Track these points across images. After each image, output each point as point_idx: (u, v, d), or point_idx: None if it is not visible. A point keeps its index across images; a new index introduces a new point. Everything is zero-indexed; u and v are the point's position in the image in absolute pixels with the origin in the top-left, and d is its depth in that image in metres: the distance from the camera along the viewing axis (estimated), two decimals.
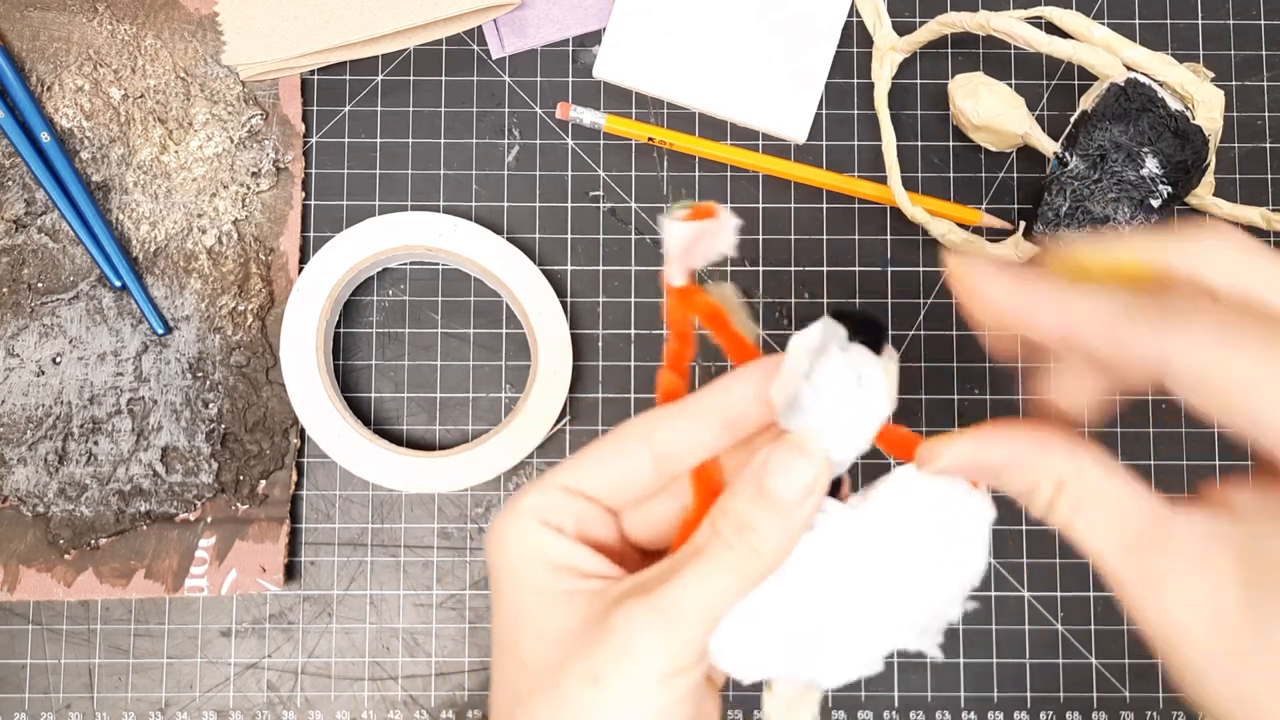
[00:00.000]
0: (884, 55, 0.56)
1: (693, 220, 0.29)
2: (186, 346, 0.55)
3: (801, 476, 0.27)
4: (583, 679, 0.26)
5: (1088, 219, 0.51)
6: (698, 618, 0.26)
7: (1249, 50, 0.57)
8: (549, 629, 0.27)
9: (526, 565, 0.28)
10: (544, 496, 0.29)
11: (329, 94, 0.57)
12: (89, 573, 0.54)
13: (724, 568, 0.26)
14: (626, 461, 0.29)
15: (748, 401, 0.28)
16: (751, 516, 0.27)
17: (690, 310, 0.31)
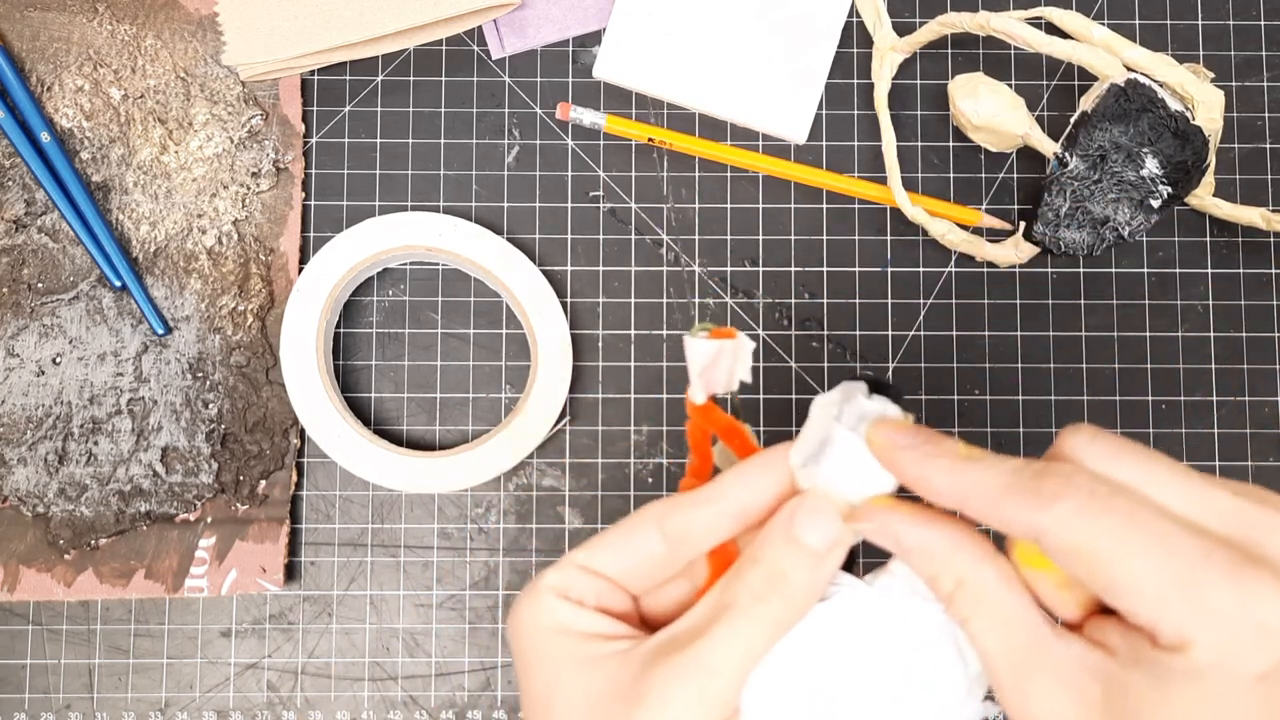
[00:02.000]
0: (884, 55, 0.56)
1: (713, 340, 0.31)
2: (186, 347, 0.55)
3: (830, 525, 0.28)
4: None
5: (1088, 219, 0.51)
6: (732, 669, 0.27)
7: (1249, 50, 0.57)
8: (583, 696, 0.28)
9: (553, 638, 0.29)
10: (563, 574, 0.30)
11: (329, 94, 0.57)
12: (89, 573, 0.54)
13: (755, 619, 0.27)
14: (641, 545, 0.30)
15: (760, 488, 0.29)
16: (783, 566, 0.28)
17: (710, 427, 0.33)
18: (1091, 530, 0.25)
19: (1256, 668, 0.24)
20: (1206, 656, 0.24)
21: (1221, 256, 0.56)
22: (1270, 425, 0.56)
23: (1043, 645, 0.26)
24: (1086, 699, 0.25)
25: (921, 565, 0.27)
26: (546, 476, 0.55)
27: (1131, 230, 0.51)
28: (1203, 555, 0.24)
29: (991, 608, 0.27)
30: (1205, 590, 0.24)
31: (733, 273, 0.56)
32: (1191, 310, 0.56)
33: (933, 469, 0.27)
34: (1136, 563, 0.24)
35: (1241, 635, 0.24)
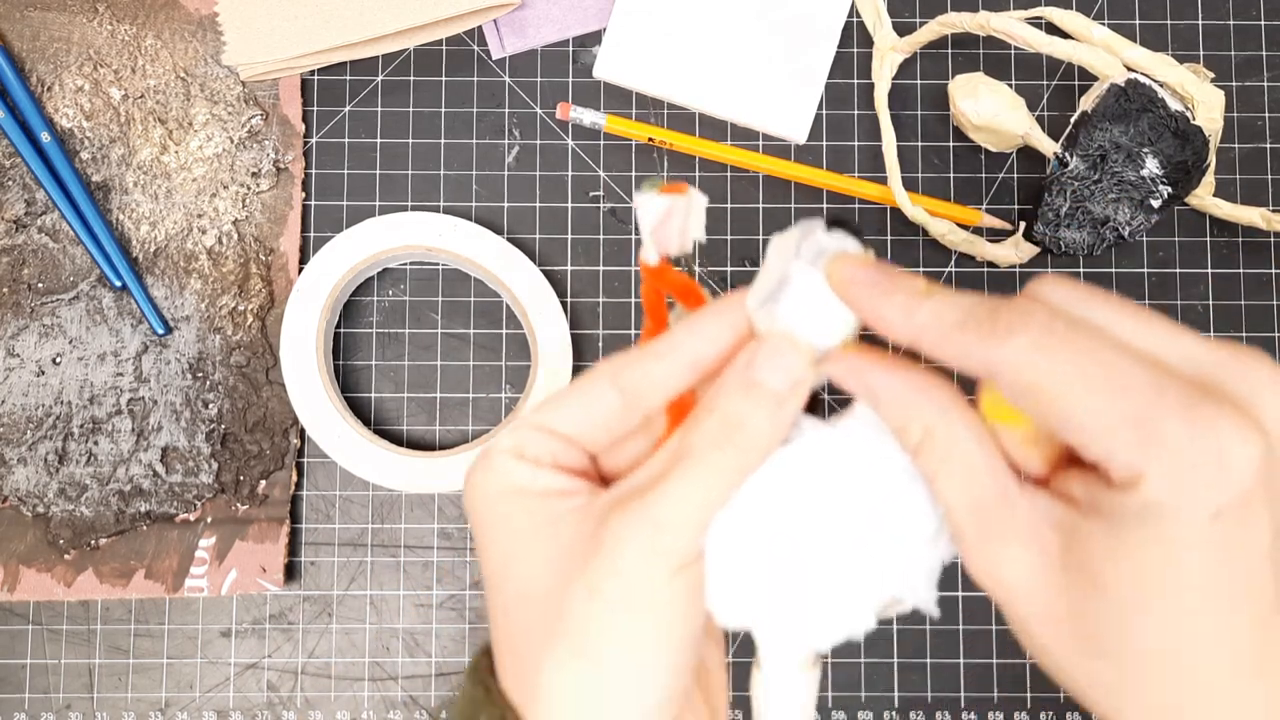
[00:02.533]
0: (884, 55, 0.56)
1: (664, 195, 0.30)
2: (186, 347, 0.55)
3: (791, 366, 0.27)
4: (582, 592, 0.26)
5: (1088, 219, 0.51)
6: (690, 518, 0.26)
7: (1249, 50, 0.57)
8: (542, 555, 0.27)
9: (509, 500, 0.28)
10: (517, 435, 0.29)
11: (329, 94, 0.57)
12: (89, 573, 0.54)
13: (713, 467, 0.27)
14: (598, 401, 0.29)
15: (715, 335, 0.28)
16: (741, 411, 0.27)
17: (664, 288, 0.32)
18: (1046, 365, 0.24)
19: (1210, 506, 0.23)
20: (1157, 492, 0.23)
21: (1221, 256, 0.56)
22: None
23: (1007, 499, 0.26)
24: (1046, 552, 0.25)
25: (890, 414, 0.27)
26: None
27: (1131, 230, 0.51)
28: (1157, 388, 0.23)
29: (958, 460, 0.26)
30: (1158, 423, 0.23)
31: (733, 273, 0.56)
32: (1191, 310, 0.56)
33: (890, 304, 0.26)
34: (1090, 397, 0.23)
35: (1194, 470, 0.23)
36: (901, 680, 0.54)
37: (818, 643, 0.28)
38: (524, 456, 0.28)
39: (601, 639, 0.26)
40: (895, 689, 0.54)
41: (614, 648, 0.26)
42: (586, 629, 0.26)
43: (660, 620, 0.26)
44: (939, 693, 0.54)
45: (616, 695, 0.27)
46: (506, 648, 0.29)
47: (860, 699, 0.54)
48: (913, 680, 0.54)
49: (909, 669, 0.54)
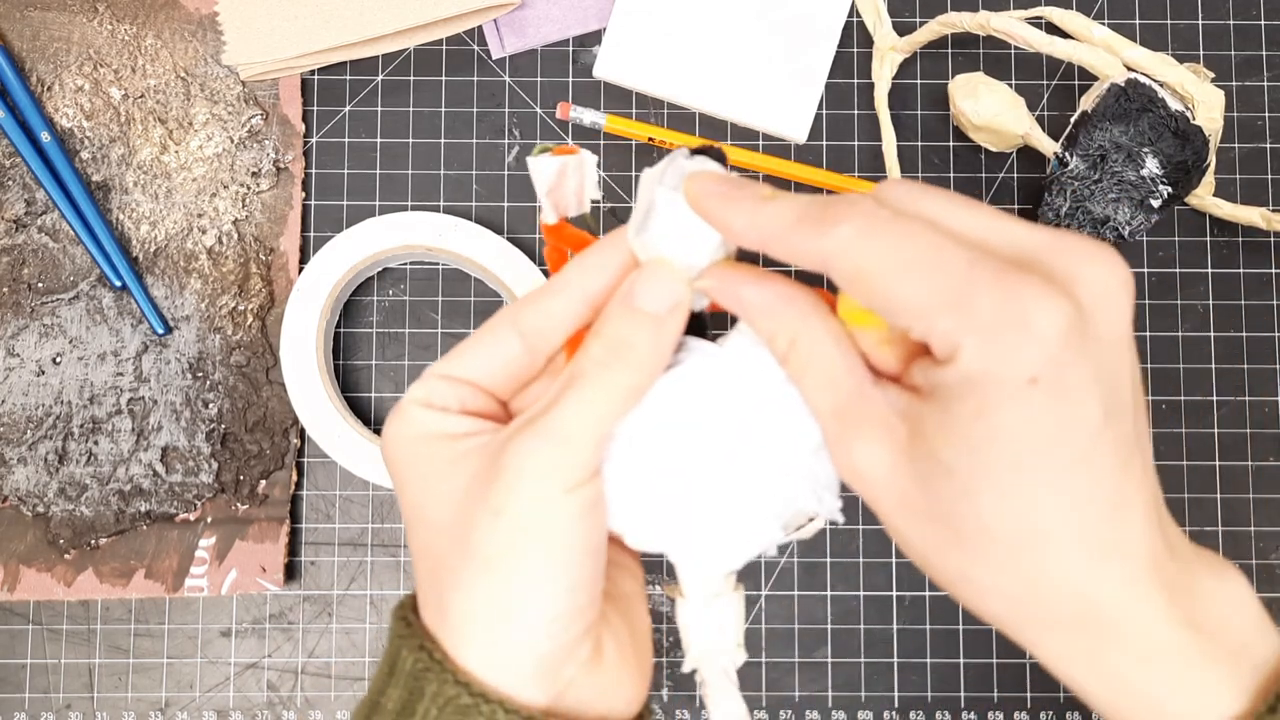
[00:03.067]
0: (884, 55, 0.56)
1: (556, 157, 0.31)
2: (186, 346, 0.55)
3: (667, 288, 0.29)
4: (485, 515, 0.27)
5: (1088, 219, 0.51)
6: (583, 434, 0.28)
7: (1249, 50, 0.57)
8: (450, 490, 0.28)
9: (419, 444, 0.29)
10: (425, 385, 0.30)
11: (329, 94, 0.57)
12: (89, 572, 0.54)
13: (603, 386, 0.28)
14: (500, 347, 0.30)
15: (603, 269, 0.30)
16: (624, 333, 0.28)
17: (564, 244, 0.33)
18: (869, 250, 0.25)
19: (1025, 370, 0.24)
20: (971, 362, 0.24)
21: (1221, 256, 0.56)
22: (1270, 425, 0.56)
23: (863, 396, 0.27)
24: (896, 441, 0.26)
25: (760, 323, 0.28)
26: None
27: (1131, 230, 0.51)
28: (970, 265, 0.24)
29: (818, 363, 0.27)
30: (970, 296, 0.24)
31: None
32: (1191, 310, 0.56)
33: (735, 210, 0.27)
34: (908, 277, 0.25)
35: (1006, 336, 0.24)
36: (901, 680, 0.54)
37: (729, 561, 0.30)
38: (432, 404, 0.30)
39: (503, 555, 0.27)
40: (895, 689, 0.54)
41: (515, 562, 0.27)
42: (489, 548, 0.27)
43: (560, 535, 0.28)
44: (939, 693, 0.54)
45: (519, 609, 0.28)
46: (425, 582, 0.30)
47: (860, 699, 0.54)
48: (913, 680, 0.54)
49: (909, 669, 0.54)
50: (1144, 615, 0.25)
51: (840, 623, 0.55)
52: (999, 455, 0.24)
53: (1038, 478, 0.24)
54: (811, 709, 0.54)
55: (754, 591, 0.55)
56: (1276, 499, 0.55)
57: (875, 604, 0.55)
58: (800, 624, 0.55)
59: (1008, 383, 0.24)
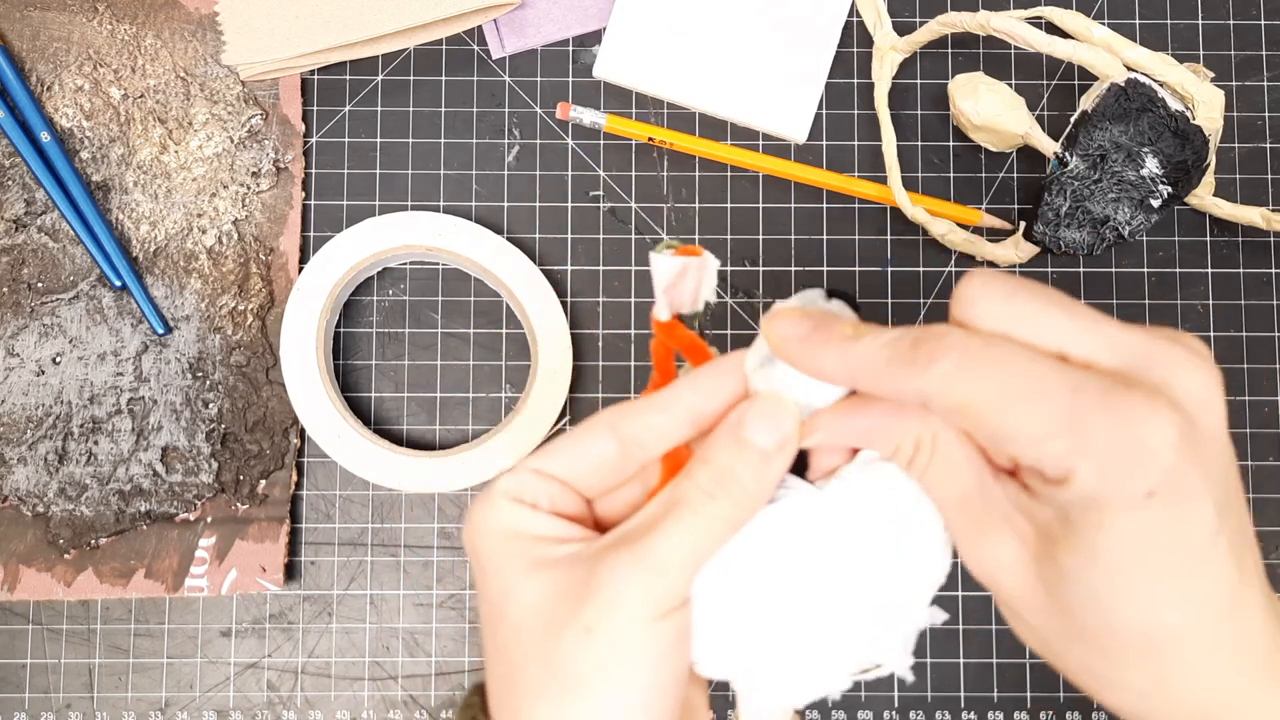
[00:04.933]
0: (884, 55, 0.56)
1: (678, 257, 0.32)
2: (186, 346, 0.55)
3: (778, 425, 0.29)
4: (575, 632, 0.27)
5: (1088, 219, 0.51)
6: (680, 563, 0.28)
7: (1249, 50, 0.57)
8: (537, 596, 0.28)
9: (507, 542, 0.29)
10: (517, 479, 0.30)
11: (329, 94, 0.57)
12: (89, 572, 0.54)
13: (704, 516, 0.28)
14: (594, 449, 0.30)
15: (713, 392, 0.30)
16: (731, 466, 0.28)
17: (673, 343, 0.33)
18: (968, 386, 0.25)
19: (1142, 487, 0.24)
20: (1088, 486, 0.25)
21: (1221, 256, 0.56)
22: (1270, 425, 0.56)
23: (986, 489, 0.27)
24: (1023, 538, 0.27)
25: (882, 443, 0.28)
26: None
27: (1131, 230, 0.51)
28: (1074, 389, 0.24)
29: (944, 457, 0.28)
30: (1080, 421, 0.24)
31: (733, 272, 0.56)
32: (1191, 310, 0.56)
33: (823, 353, 0.28)
34: (1013, 408, 0.25)
35: (1122, 459, 0.24)
36: (901, 680, 0.54)
37: (794, 700, 0.30)
38: (522, 500, 0.30)
39: (594, 675, 0.27)
40: (895, 689, 0.54)
41: (605, 686, 0.27)
42: (579, 668, 0.27)
43: (651, 660, 0.28)
44: (939, 693, 0.54)
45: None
46: (500, 685, 0.30)
47: (860, 699, 0.54)
48: (913, 680, 0.54)
49: None
50: (1267, 708, 0.26)
51: None
52: (1122, 563, 0.25)
53: (1160, 583, 0.25)
54: (811, 709, 0.54)
55: None
56: (1276, 499, 0.55)
57: None
58: None
59: (1126, 499, 0.24)
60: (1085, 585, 0.25)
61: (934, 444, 0.28)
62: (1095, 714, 0.54)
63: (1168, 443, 0.24)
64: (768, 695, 0.30)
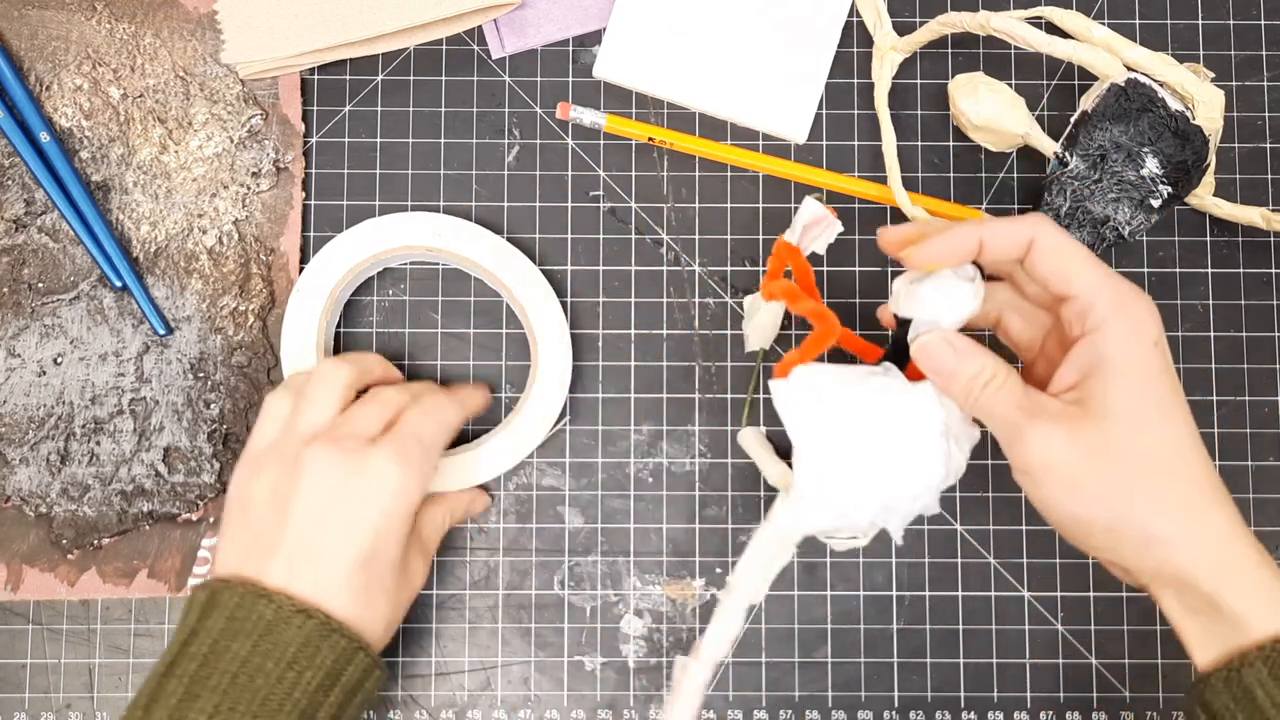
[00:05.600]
0: (884, 55, 0.56)
1: (824, 207, 0.53)
2: (188, 347, 0.55)
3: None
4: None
5: (1088, 219, 0.51)
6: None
7: (1249, 50, 0.57)
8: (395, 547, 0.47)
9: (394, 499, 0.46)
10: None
11: (329, 94, 0.57)
12: (92, 572, 0.54)
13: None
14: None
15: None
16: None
17: (790, 260, 0.50)
18: (1065, 238, 0.41)
19: (1152, 336, 0.40)
20: (1124, 327, 0.39)
21: (1221, 256, 0.56)
22: (1270, 425, 0.56)
23: (1042, 399, 0.40)
24: (1070, 420, 0.39)
25: (967, 364, 0.41)
26: (546, 476, 0.55)
27: (1131, 230, 0.51)
28: (1111, 270, 0.41)
29: (1012, 384, 0.41)
30: (1118, 286, 0.40)
31: (733, 272, 0.56)
32: (1191, 310, 0.56)
33: (961, 235, 0.42)
34: (1087, 264, 0.40)
35: (1140, 312, 0.40)
36: (901, 680, 0.54)
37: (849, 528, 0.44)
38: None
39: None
40: (895, 689, 0.54)
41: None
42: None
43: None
44: (939, 693, 0.54)
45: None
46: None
47: (860, 699, 0.54)
48: (913, 680, 0.54)
49: (909, 669, 0.54)
50: (1251, 551, 0.39)
51: (840, 623, 0.55)
52: (1150, 394, 0.39)
53: (1173, 414, 0.39)
54: (811, 709, 0.54)
55: None
56: (1276, 499, 0.55)
57: (875, 604, 0.55)
58: (800, 624, 0.55)
59: (1145, 341, 0.39)
60: (1124, 420, 0.38)
61: (1006, 377, 0.41)
62: (1095, 714, 0.54)
63: (1157, 314, 0.40)
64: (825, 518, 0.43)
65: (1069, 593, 0.55)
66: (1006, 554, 0.55)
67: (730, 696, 0.54)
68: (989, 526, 0.55)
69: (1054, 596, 0.54)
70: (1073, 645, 0.54)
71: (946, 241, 0.41)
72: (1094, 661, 0.54)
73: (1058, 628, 0.54)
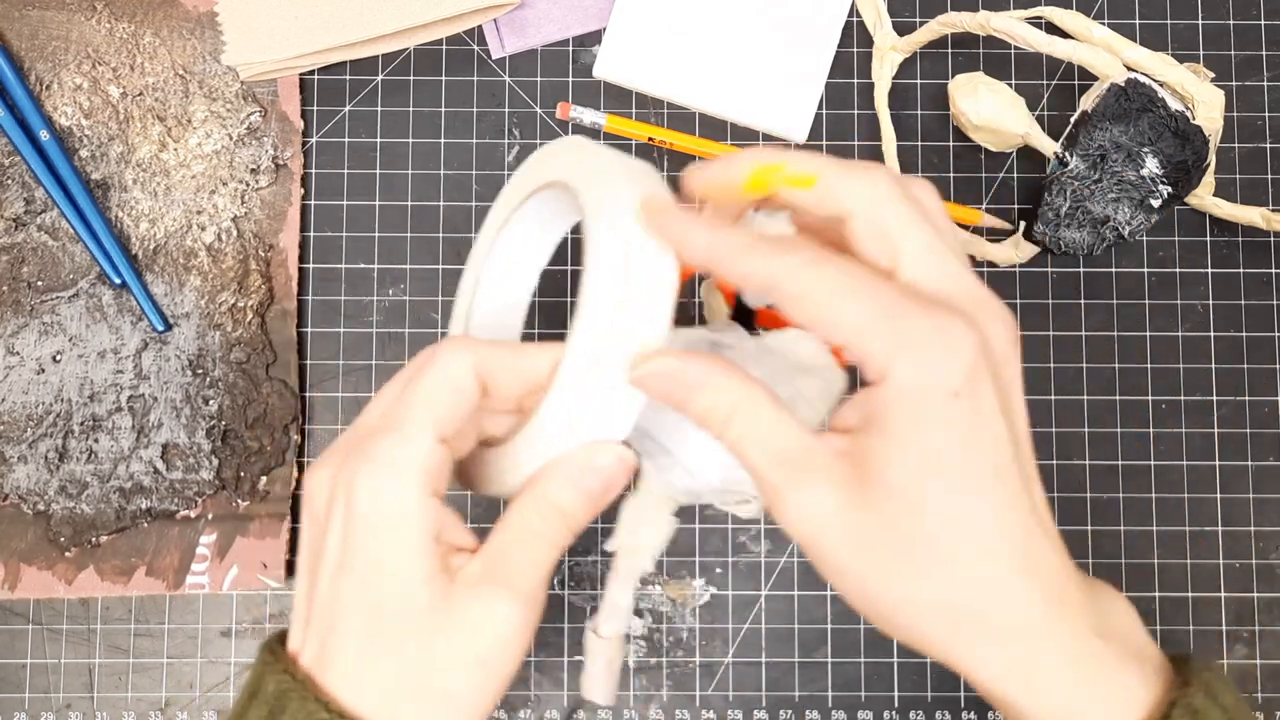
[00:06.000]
0: (884, 55, 0.56)
1: None
2: (186, 343, 0.55)
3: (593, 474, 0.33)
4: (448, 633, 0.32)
5: (1088, 219, 0.51)
6: (535, 588, 0.34)
7: (1249, 50, 0.57)
8: (423, 594, 0.32)
9: (423, 537, 0.33)
10: (427, 455, 0.34)
11: (329, 94, 0.57)
12: (90, 570, 0.54)
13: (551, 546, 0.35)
14: (459, 386, 0.35)
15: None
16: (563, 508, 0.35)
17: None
18: (815, 276, 0.29)
19: (950, 382, 0.28)
20: (906, 376, 0.28)
21: (1221, 256, 0.56)
22: (1270, 425, 0.56)
23: (806, 447, 0.30)
24: (841, 478, 0.29)
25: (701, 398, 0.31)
26: None
27: (1131, 230, 0.51)
28: (900, 297, 0.29)
29: (764, 425, 0.30)
30: (902, 319, 0.29)
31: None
32: (1191, 310, 0.56)
33: (695, 229, 0.31)
34: (849, 304, 0.29)
35: (933, 353, 0.28)
36: (901, 680, 0.54)
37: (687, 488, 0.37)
38: (438, 492, 0.35)
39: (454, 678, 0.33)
40: (895, 689, 0.54)
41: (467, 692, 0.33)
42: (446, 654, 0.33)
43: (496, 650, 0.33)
44: (939, 692, 0.54)
45: None
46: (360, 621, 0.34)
47: (860, 699, 0.54)
48: (913, 680, 0.54)
49: (909, 669, 0.54)
50: (1066, 626, 0.29)
51: (840, 623, 0.55)
52: (934, 466, 0.28)
53: (968, 485, 0.29)
54: (811, 709, 0.54)
55: (754, 591, 0.55)
56: (1276, 499, 0.55)
57: None
58: (800, 624, 0.55)
59: (936, 393, 0.28)
60: (903, 497, 0.29)
61: (754, 413, 0.30)
62: None
63: (971, 349, 0.28)
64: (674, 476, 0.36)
65: None
66: None
67: (730, 696, 0.54)
68: None
69: None
70: None
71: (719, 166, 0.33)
72: None
73: None
